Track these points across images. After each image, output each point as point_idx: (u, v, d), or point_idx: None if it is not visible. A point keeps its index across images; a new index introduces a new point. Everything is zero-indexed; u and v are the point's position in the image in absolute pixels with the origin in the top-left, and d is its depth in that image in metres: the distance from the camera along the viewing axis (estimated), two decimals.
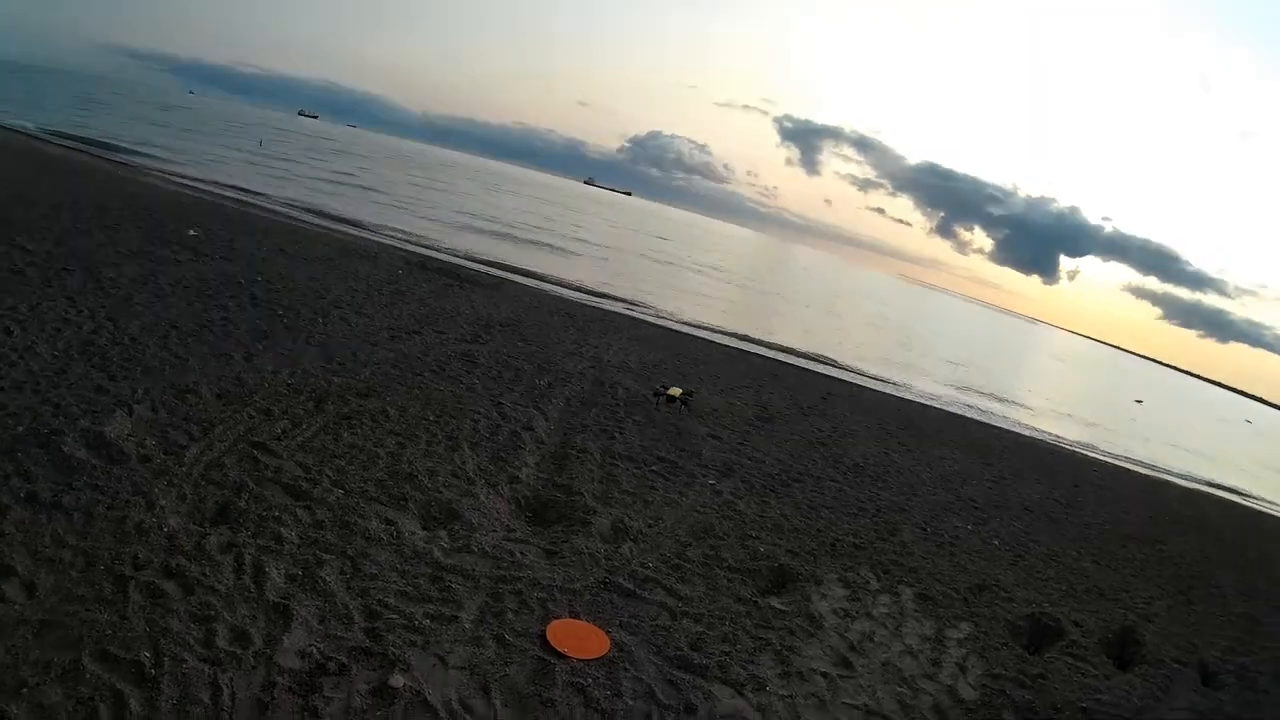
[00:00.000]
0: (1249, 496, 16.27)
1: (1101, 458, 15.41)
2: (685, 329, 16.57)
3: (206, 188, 18.82)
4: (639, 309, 17.65)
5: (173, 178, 18.88)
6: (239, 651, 2.96)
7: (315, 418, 5.39)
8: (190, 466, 4.28)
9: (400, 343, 8.04)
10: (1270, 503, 16.17)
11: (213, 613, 3.13)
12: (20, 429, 4.15)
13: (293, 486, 4.34)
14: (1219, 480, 17.37)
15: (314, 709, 2.78)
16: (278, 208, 18.52)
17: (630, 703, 3.27)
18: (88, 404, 4.64)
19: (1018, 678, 4.35)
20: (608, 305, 16.87)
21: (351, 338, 7.71)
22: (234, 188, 20.18)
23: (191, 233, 10.56)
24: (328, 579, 3.57)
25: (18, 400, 4.47)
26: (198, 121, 53.22)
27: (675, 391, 11.44)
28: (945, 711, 3.86)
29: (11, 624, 2.76)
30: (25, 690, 2.49)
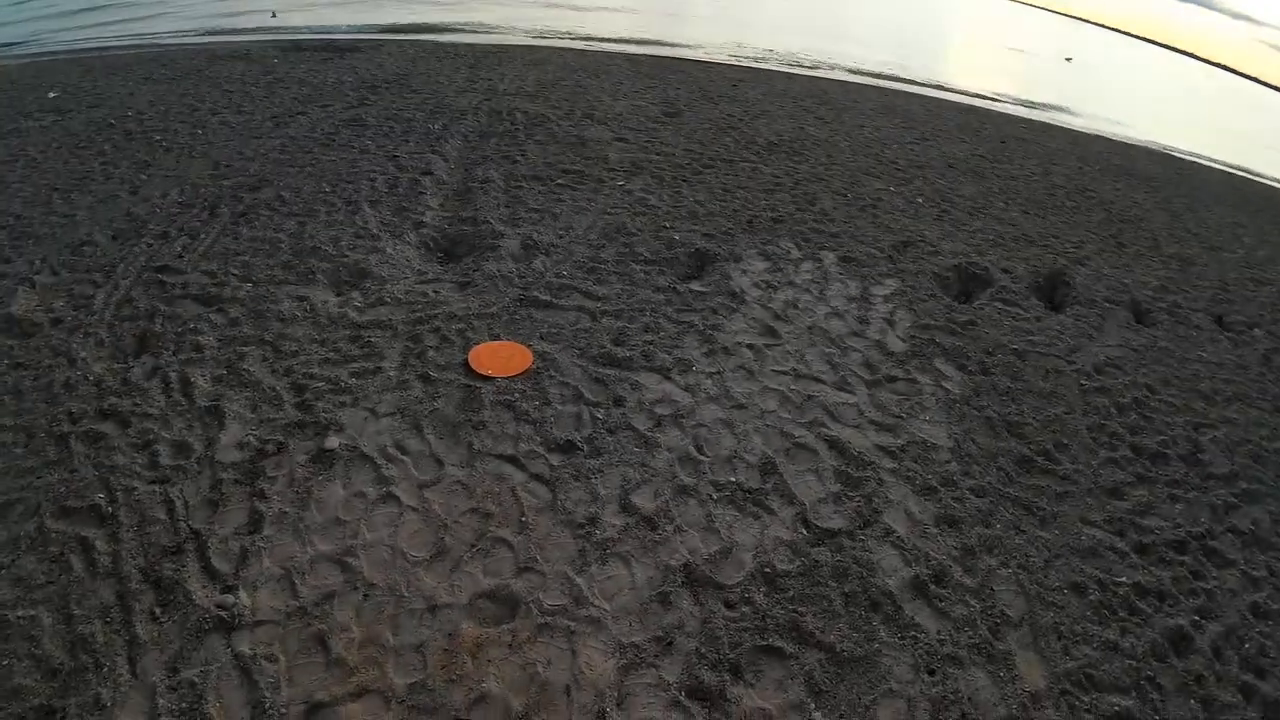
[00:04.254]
0: (1180, 149, 14.67)
1: (1029, 115, 14.02)
2: (585, 45, 14.44)
3: (59, 48, 16.07)
4: (535, 37, 15.27)
5: (12, 54, 16.12)
6: (182, 463, 3.11)
7: (211, 225, 5.05)
8: (101, 312, 4.18)
9: (285, 127, 7.32)
10: (1203, 155, 14.73)
11: (151, 436, 3.24)
12: None
13: (202, 295, 4.23)
14: (1152, 135, 15.59)
15: (261, 492, 2.96)
16: (138, 41, 15.82)
17: (559, 408, 3.31)
18: None
19: (947, 326, 4.29)
20: (500, 39, 14.56)
21: (234, 138, 7.01)
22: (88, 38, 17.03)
23: (51, 94, 9.29)
24: (251, 369, 3.60)
25: None
26: None
27: None
28: (875, 365, 3.82)
29: None
30: (2, 571, 2.69)
